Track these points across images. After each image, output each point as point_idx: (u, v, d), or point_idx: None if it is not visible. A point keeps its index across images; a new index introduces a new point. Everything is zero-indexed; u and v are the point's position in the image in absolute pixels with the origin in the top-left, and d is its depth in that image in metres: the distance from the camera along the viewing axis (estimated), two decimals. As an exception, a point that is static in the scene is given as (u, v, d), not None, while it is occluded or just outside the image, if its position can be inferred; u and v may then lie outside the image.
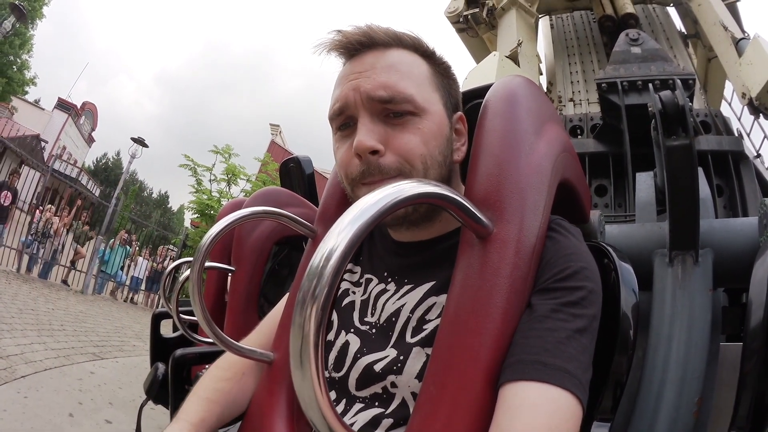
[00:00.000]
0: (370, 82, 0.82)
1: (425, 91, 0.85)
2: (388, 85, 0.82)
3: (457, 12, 5.94)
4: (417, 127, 0.82)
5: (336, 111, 0.86)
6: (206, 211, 12.77)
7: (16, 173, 12.55)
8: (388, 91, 0.81)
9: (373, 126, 0.82)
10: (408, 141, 0.81)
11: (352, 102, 0.83)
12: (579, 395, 0.62)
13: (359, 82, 0.83)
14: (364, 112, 0.82)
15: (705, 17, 4.72)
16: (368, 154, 0.80)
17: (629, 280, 0.89)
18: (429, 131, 0.83)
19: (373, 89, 0.82)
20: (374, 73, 0.83)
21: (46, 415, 3.52)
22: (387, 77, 0.82)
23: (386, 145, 0.81)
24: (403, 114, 0.82)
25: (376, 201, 0.52)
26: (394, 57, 0.86)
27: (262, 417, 0.89)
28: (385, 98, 0.81)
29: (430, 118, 0.84)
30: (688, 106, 1.61)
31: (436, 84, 0.89)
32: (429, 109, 0.84)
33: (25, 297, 8.21)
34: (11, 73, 30.73)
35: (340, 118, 0.87)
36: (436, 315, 0.80)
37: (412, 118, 0.82)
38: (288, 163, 2.39)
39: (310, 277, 0.47)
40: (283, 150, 22.12)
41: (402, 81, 0.83)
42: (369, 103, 0.82)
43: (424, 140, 0.82)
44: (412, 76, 0.85)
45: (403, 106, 0.82)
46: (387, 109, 0.82)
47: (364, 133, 0.80)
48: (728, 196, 3.38)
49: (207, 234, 0.86)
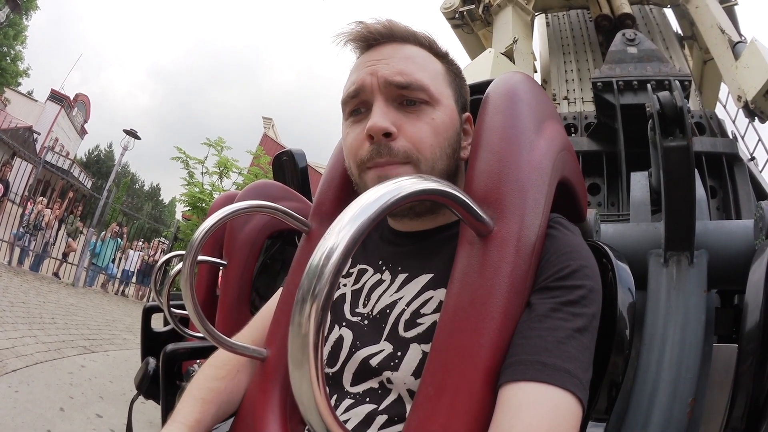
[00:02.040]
0: (389, 68, 0.84)
1: (439, 84, 0.87)
2: (406, 72, 0.83)
3: (453, 8, 5.95)
4: (430, 117, 0.84)
5: (351, 93, 0.87)
6: (198, 204, 12.70)
7: (7, 165, 12.46)
8: (405, 77, 0.83)
9: (387, 110, 0.83)
10: (420, 129, 0.83)
11: (368, 86, 0.84)
12: (579, 395, 0.62)
13: (377, 67, 0.85)
14: (380, 96, 0.84)
15: (702, 20, 4.74)
16: (381, 136, 0.81)
17: (626, 280, 0.89)
18: (441, 122, 0.84)
19: (390, 74, 0.83)
20: (393, 60, 0.85)
21: (37, 410, 3.49)
22: (405, 66, 0.84)
23: (399, 130, 0.82)
24: (417, 102, 0.84)
25: (376, 198, 0.51)
26: (412, 51, 0.88)
27: (254, 414, 0.87)
28: (402, 83, 0.83)
29: (443, 110, 0.86)
30: (686, 107, 1.61)
31: (449, 81, 0.90)
32: (442, 101, 0.86)
33: (17, 290, 8.16)
34: (4, 65, 30.42)
35: (354, 101, 0.88)
36: (432, 309, 0.80)
37: (425, 108, 0.84)
38: (281, 156, 2.37)
39: (309, 275, 0.45)
40: (276, 143, 22.05)
41: (418, 71, 0.85)
42: (386, 87, 0.83)
43: (435, 131, 0.83)
44: (428, 70, 0.87)
45: (418, 94, 0.83)
46: (402, 96, 0.83)
47: (379, 115, 0.81)
48: (722, 198, 3.40)
49: (200, 227, 0.85)
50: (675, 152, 1.59)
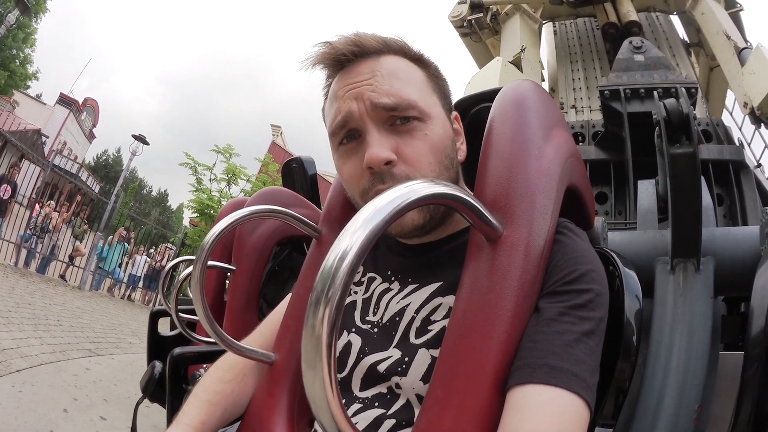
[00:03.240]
0: (373, 89, 0.81)
1: (426, 95, 0.85)
2: (392, 92, 0.80)
3: (461, 17, 5.95)
4: (424, 133, 0.81)
5: (339, 124, 0.83)
6: (206, 211, 12.77)
7: (16, 167, 12.52)
8: (393, 98, 0.80)
9: (382, 137, 0.80)
10: (418, 150, 0.81)
11: (356, 113, 0.81)
12: (587, 398, 0.62)
13: (361, 90, 0.81)
14: (371, 122, 0.81)
15: (708, 26, 4.73)
16: (382, 166, 0.79)
17: (633, 287, 0.89)
18: (436, 136, 0.83)
19: (377, 97, 0.80)
20: (375, 81, 0.81)
21: (41, 410, 3.50)
22: (389, 85, 0.81)
23: (397, 155, 0.80)
24: (409, 119, 0.81)
25: (389, 201, 0.51)
26: (390, 64, 0.84)
27: (261, 418, 0.88)
28: (390, 105, 0.80)
29: (435, 122, 0.84)
30: (693, 114, 1.61)
31: (432, 87, 0.88)
32: (432, 113, 0.84)
33: (23, 291, 8.18)
34: (14, 67, 30.66)
35: (343, 132, 0.84)
36: (442, 316, 0.80)
37: (418, 124, 0.81)
38: (291, 163, 2.38)
39: (323, 278, 0.46)
40: (284, 151, 22.11)
41: (404, 87, 0.82)
42: (374, 112, 0.80)
43: (432, 147, 0.82)
44: (412, 82, 0.84)
45: (408, 112, 0.80)
46: (393, 117, 0.81)
47: (377, 145, 0.79)
48: (728, 205, 3.38)
49: (210, 232, 0.85)
50: (681, 159, 1.59)
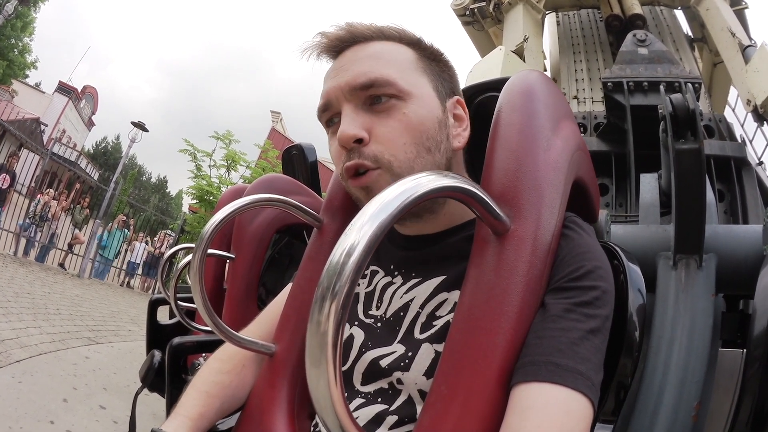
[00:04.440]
0: (350, 73, 0.81)
1: (409, 75, 0.83)
2: (368, 71, 0.80)
3: (463, 5, 5.94)
4: (402, 112, 0.80)
5: (320, 108, 0.86)
6: (205, 197, 12.73)
7: (14, 156, 12.49)
8: (367, 76, 0.80)
9: (355, 115, 0.80)
10: (391, 129, 0.79)
11: (333, 96, 0.82)
12: (591, 397, 0.61)
13: (339, 77, 0.82)
14: (347, 104, 0.81)
15: (713, 22, 4.72)
16: (352, 143, 0.79)
17: (637, 282, 0.88)
18: (415, 116, 0.80)
19: (352, 79, 0.80)
20: (354, 64, 0.82)
21: (40, 400, 3.50)
22: (367, 66, 0.81)
23: (370, 133, 0.79)
24: (386, 98, 0.80)
25: (396, 195, 0.50)
26: (375, 48, 0.84)
27: (261, 410, 0.87)
28: (365, 84, 0.80)
29: (416, 102, 0.81)
30: (699, 109, 1.60)
31: (422, 68, 0.86)
32: (414, 92, 0.82)
33: (22, 280, 8.17)
34: (12, 56, 30.58)
35: (325, 115, 0.86)
36: (447, 311, 0.79)
37: (396, 103, 0.80)
38: (291, 150, 2.37)
39: (329, 273, 0.45)
40: (284, 137, 22.01)
41: (383, 68, 0.81)
42: (351, 93, 0.81)
43: (408, 127, 0.80)
44: (394, 62, 0.83)
45: (384, 89, 0.79)
46: (370, 97, 0.80)
47: (347, 123, 0.79)
48: (729, 202, 3.39)
49: (210, 220, 0.84)
50: (686, 155, 1.59)
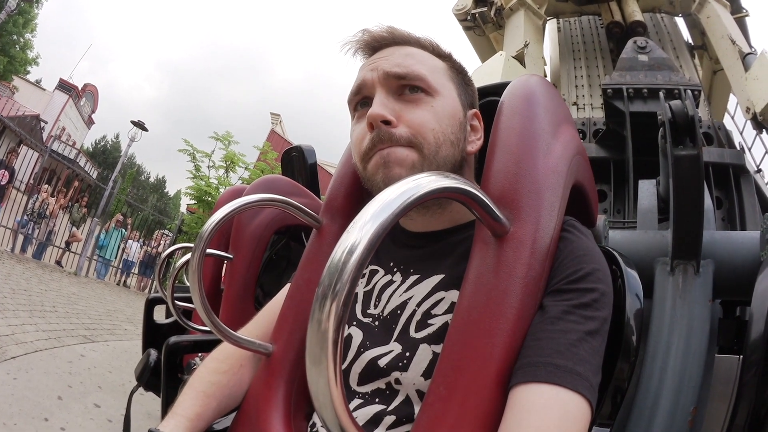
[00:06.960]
0: (388, 62, 0.87)
1: (438, 77, 0.89)
2: (404, 64, 0.86)
3: (465, 10, 5.95)
4: (430, 105, 0.85)
5: (354, 91, 0.91)
6: (203, 198, 12.73)
7: (13, 152, 12.47)
8: (403, 68, 0.86)
9: (386, 100, 0.85)
10: (421, 116, 0.84)
11: (369, 81, 0.88)
12: (589, 398, 0.62)
13: (377, 63, 0.88)
14: (380, 88, 0.86)
15: (713, 30, 4.73)
16: (380, 124, 0.82)
17: (635, 287, 0.89)
18: (441, 110, 0.86)
19: (389, 67, 0.86)
20: (391, 56, 0.88)
21: (35, 397, 3.49)
22: (404, 59, 0.88)
23: (398, 119, 0.84)
24: (416, 89, 0.86)
25: (398, 195, 0.50)
26: (411, 50, 0.91)
27: (258, 410, 0.87)
28: (400, 74, 0.85)
29: (443, 99, 0.87)
30: (698, 116, 1.61)
31: (450, 76, 0.92)
32: (441, 92, 0.87)
33: (19, 277, 8.15)
34: (14, 52, 30.52)
35: (357, 98, 0.91)
36: (443, 310, 0.79)
37: (425, 96, 0.86)
38: (290, 152, 2.37)
39: (330, 272, 0.45)
40: (283, 139, 22.12)
41: (417, 64, 0.87)
42: (385, 80, 0.86)
43: (436, 117, 0.85)
44: (426, 64, 0.89)
45: (416, 82, 0.85)
46: (401, 86, 0.86)
47: (378, 104, 0.84)
48: (727, 209, 3.40)
49: (210, 219, 0.84)
50: (685, 161, 1.59)
